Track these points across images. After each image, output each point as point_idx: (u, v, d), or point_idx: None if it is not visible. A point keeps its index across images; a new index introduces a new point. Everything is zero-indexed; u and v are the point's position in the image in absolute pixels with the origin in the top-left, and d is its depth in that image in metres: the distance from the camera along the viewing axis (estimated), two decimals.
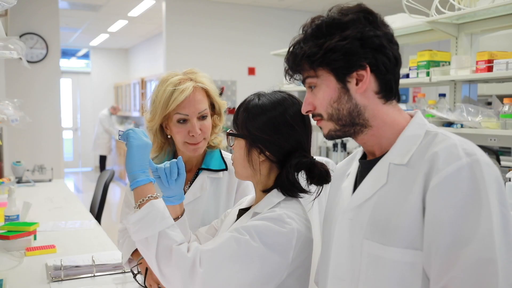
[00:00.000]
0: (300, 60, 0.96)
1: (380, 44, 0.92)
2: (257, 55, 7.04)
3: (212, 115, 1.54)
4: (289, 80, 1.00)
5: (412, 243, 0.86)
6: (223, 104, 1.55)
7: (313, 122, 1.06)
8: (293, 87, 4.59)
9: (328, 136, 0.99)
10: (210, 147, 1.59)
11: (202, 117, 1.47)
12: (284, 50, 4.34)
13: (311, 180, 1.13)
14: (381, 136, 0.97)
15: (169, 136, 1.53)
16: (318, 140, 5.37)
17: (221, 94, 7.27)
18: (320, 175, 1.13)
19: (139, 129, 1.18)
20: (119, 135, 1.18)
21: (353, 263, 0.96)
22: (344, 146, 4.53)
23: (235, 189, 1.54)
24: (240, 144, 1.16)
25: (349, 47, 0.90)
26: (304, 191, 1.15)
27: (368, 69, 0.92)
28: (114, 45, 10.76)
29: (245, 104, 1.15)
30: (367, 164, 1.00)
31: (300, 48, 0.95)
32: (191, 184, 1.55)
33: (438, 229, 0.82)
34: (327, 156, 4.72)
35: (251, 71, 7.08)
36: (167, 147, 1.58)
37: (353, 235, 0.96)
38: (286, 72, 1.00)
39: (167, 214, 1.09)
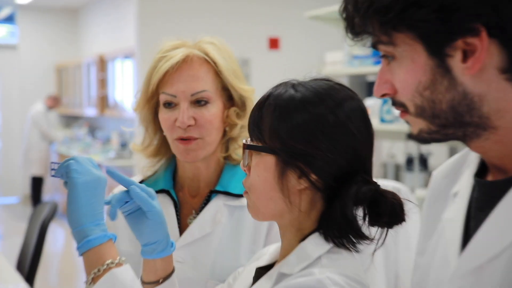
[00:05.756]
0: (364, 16, 0.94)
1: None
2: (283, 19, 7.06)
3: (227, 107, 1.59)
4: (353, 39, 0.99)
5: None
6: (248, 91, 1.59)
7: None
8: (341, 70, 4.57)
9: (419, 138, 0.98)
10: (230, 159, 1.63)
11: (199, 102, 1.53)
12: (326, 10, 4.34)
13: (376, 218, 1.14)
14: None
15: (165, 134, 1.60)
16: (381, 152, 5.32)
17: None
18: (393, 211, 1.12)
19: (84, 157, 1.20)
20: (52, 169, 1.20)
21: None
22: (424, 162, 4.48)
23: (267, 225, 1.56)
24: (265, 162, 1.16)
25: None
26: (365, 237, 1.15)
27: (484, 34, 0.89)
28: (54, 3, 10.89)
29: (274, 99, 1.15)
30: (490, 187, 0.98)
31: None
32: (198, 213, 1.59)
33: None
34: (397, 179, 4.68)
35: (273, 43, 7.09)
36: (166, 153, 1.65)
37: None
38: (346, 28, 0.99)
39: None
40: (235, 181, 1.59)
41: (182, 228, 1.60)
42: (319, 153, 1.11)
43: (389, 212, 1.12)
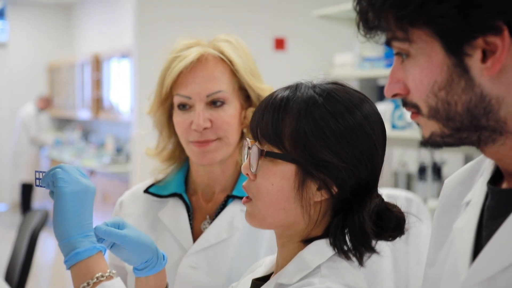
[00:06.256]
0: (380, 10, 0.94)
1: None
2: (289, 18, 7.06)
3: (245, 107, 1.62)
4: (365, 35, 1.00)
5: None
6: (266, 90, 1.61)
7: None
8: (350, 72, 4.57)
9: (431, 142, 0.98)
10: None
11: (215, 103, 1.56)
12: (335, 8, 4.34)
13: (381, 231, 1.17)
14: None
15: None
16: (392, 160, 5.32)
17: None
18: (397, 225, 1.18)
19: (71, 166, 1.20)
20: (37, 178, 1.20)
21: None
22: (437, 171, 4.48)
23: None
24: (284, 171, 1.16)
25: None
26: (375, 251, 1.18)
27: (506, 33, 0.89)
28: None
29: (295, 102, 1.16)
30: (504, 195, 0.98)
31: None
32: (213, 219, 1.62)
33: None
34: (408, 188, 4.68)
35: (279, 44, 7.10)
36: (181, 156, 1.68)
37: None
38: (359, 23, 0.99)
39: None
40: None
41: (194, 234, 1.61)
42: (342, 165, 1.13)
43: (394, 226, 1.16)
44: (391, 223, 1.16)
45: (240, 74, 1.58)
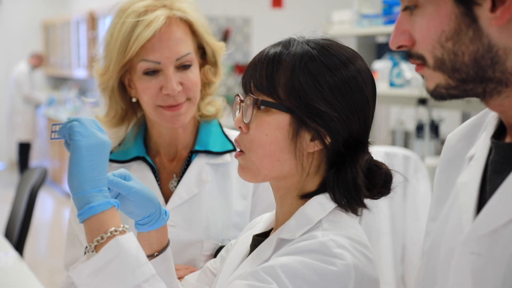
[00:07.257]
0: None
1: None
2: None
3: (201, 65, 1.64)
4: None
5: None
6: (219, 47, 1.64)
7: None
8: (348, 30, 4.55)
9: (436, 94, 0.98)
10: (203, 116, 1.69)
11: (184, 67, 1.57)
12: None
13: (371, 186, 1.21)
14: None
15: (134, 100, 1.63)
16: (389, 118, 5.33)
17: (225, 39, 7.22)
18: (386, 183, 1.21)
19: (88, 119, 1.20)
20: (53, 131, 1.20)
21: None
22: (435, 129, 4.49)
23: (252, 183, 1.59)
24: (278, 120, 1.18)
25: None
26: (365, 207, 1.21)
27: None
28: None
29: (291, 55, 1.18)
30: (508, 149, 0.98)
31: None
32: (180, 176, 1.64)
33: None
34: (406, 146, 4.69)
35: (276, 1, 7.05)
36: (133, 118, 1.68)
37: (482, 283, 0.94)
38: None
39: (144, 259, 1.13)
40: (213, 138, 1.65)
41: (164, 194, 1.63)
42: (336, 115, 1.15)
43: (383, 182, 1.19)
44: (381, 180, 1.19)
45: (200, 33, 1.60)
